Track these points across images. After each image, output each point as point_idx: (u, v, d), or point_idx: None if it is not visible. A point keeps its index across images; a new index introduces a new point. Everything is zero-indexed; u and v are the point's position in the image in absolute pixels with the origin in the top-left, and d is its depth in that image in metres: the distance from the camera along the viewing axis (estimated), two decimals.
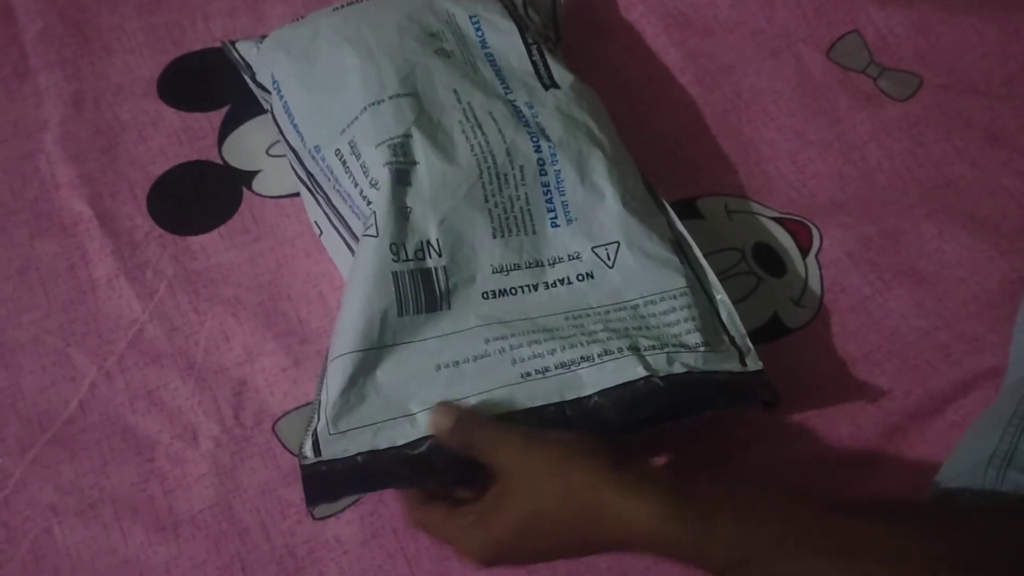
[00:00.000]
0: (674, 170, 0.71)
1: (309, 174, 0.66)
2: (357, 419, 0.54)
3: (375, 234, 0.58)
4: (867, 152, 0.71)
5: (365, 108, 0.63)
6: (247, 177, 0.71)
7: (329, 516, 0.58)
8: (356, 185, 0.61)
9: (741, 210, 0.69)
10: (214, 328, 0.64)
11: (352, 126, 0.62)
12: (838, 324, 0.64)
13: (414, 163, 0.60)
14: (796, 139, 0.72)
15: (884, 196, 0.69)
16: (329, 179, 0.63)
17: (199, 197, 0.70)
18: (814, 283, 0.66)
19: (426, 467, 0.52)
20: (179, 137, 0.73)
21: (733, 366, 0.57)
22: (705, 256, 0.63)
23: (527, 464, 0.49)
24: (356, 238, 0.62)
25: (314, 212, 0.67)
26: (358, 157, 0.61)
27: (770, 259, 0.67)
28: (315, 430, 0.54)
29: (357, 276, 0.57)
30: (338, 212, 0.64)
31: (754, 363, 0.58)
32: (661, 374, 0.55)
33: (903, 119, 0.73)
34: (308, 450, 0.54)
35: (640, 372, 0.54)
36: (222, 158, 0.72)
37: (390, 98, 0.63)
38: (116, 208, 0.69)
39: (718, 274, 0.62)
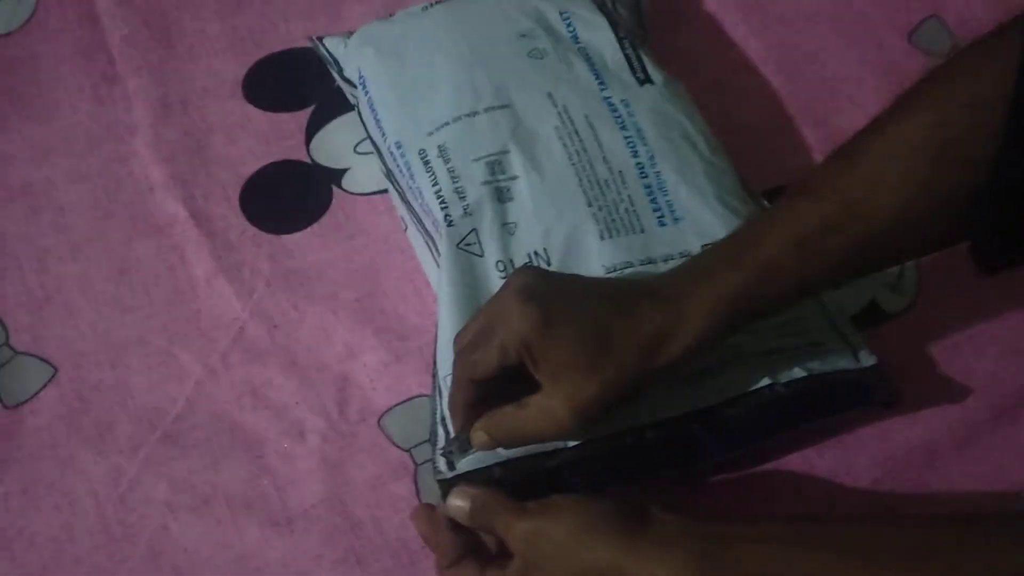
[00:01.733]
0: (762, 160, 0.70)
1: (388, 170, 0.67)
2: None
3: (480, 253, 0.59)
4: None
5: (459, 117, 0.63)
6: (336, 175, 0.71)
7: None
8: (435, 185, 0.61)
9: None
10: (314, 325, 0.65)
11: (441, 131, 0.63)
12: (938, 309, 0.64)
13: (514, 177, 0.61)
14: None
15: None
16: (404, 176, 0.64)
17: (290, 196, 0.71)
18: (911, 268, 0.66)
19: (560, 480, 0.52)
20: (266, 137, 0.73)
21: (848, 363, 0.57)
22: None
23: (539, 549, 0.47)
24: (430, 235, 0.63)
25: (400, 207, 0.68)
26: (446, 162, 0.62)
27: None
28: (448, 445, 0.54)
29: (459, 293, 0.58)
30: (412, 209, 0.64)
31: (867, 358, 0.57)
32: (783, 381, 0.55)
33: None
34: (442, 465, 0.54)
35: (764, 380, 0.55)
36: (310, 157, 0.72)
37: (485, 111, 0.63)
38: (209, 208, 0.70)
39: None
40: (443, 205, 0.61)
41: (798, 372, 0.55)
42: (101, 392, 0.63)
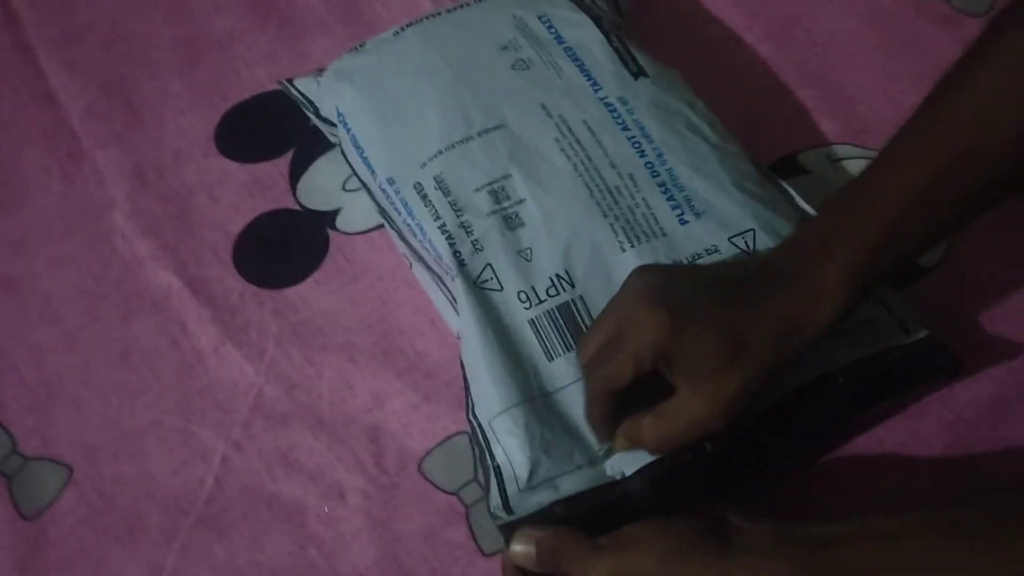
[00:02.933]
0: (767, 130, 0.68)
1: (381, 209, 0.64)
2: (544, 472, 0.52)
3: (498, 288, 0.56)
4: None
5: (452, 145, 0.60)
6: (329, 217, 0.68)
7: (501, 551, 0.55)
8: (437, 220, 0.58)
9: (845, 157, 0.66)
10: (334, 378, 0.62)
11: (435, 161, 0.60)
12: (976, 252, 0.61)
13: (520, 201, 0.58)
14: (884, 76, 0.69)
15: None
16: (400, 214, 0.61)
17: (285, 247, 0.68)
18: None
19: (626, 509, 0.49)
20: (249, 190, 0.70)
21: (899, 339, 0.54)
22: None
23: None
24: (436, 273, 0.60)
25: (400, 245, 0.64)
26: (446, 194, 0.59)
27: None
28: (502, 489, 0.52)
29: (487, 332, 0.55)
30: (411, 247, 0.61)
31: (918, 329, 0.54)
32: (839, 366, 0.52)
33: None
34: (499, 510, 0.51)
35: (820, 370, 0.52)
36: (298, 203, 0.69)
37: (479, 135, 0.60)
38: (203, 274, 0.66)
39: None
40: (451, 241, 0.57)
41: (853, 355, 0.53)
42: (123, 485, 0.59)
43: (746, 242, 0.56)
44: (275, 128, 0.72)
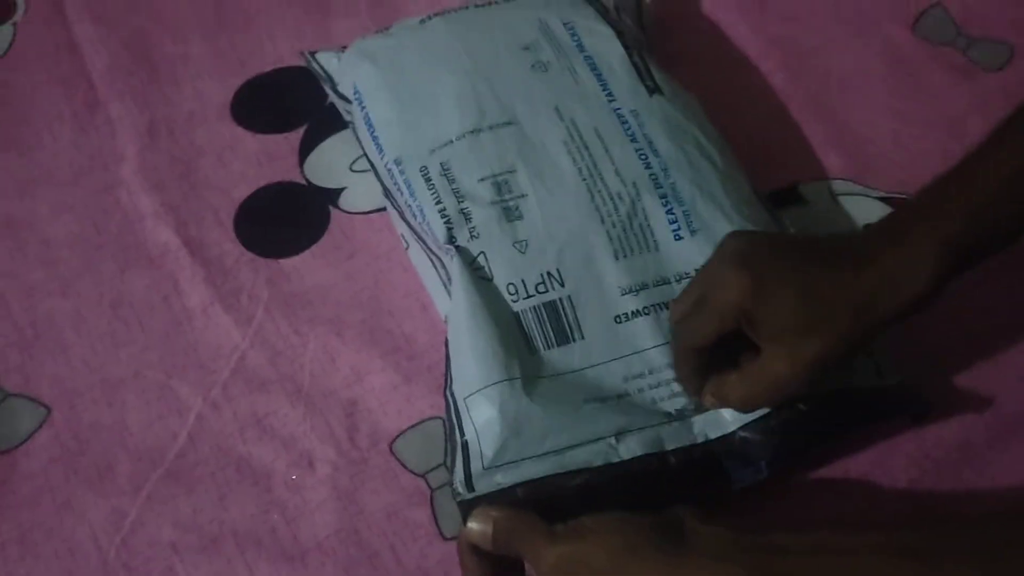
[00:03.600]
0: (771, 158, 0.68)
1: (385, 188, 0.64)
2: (511, 453, 0.52)
3: (489, 276, 0.56)
4: (969, 125, 0.69)
5: (463, 135, 0.61)
6: (333, 195, 0.69)
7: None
8: (439, 204, 0.59)
9: (846, 193, 0.67)
10: (318, 350, 0.62)
11: (445, 149, 0.61)
12: (961, 298, 0.61)
13: (522, 196, 0.59)
14: (894, 118, 0.70)
15: None
16: (403, 194, 0.62)
17: (286, 219, 0.68)
18: None
19: (586, 500, 0.50)
20: (258, 160, 0.71)
21: (872, 381, 0.55)
22: None
23: None
24: (434, 253, 0.60)
25: (399, 226, 0.65)
26: (450, 181, 0.60)
27: None
28: (467, 466, 0.52)
29: (473, 311, 0.55)
30: (411, 227, 0.62)
31: (891, 374, 0.55)
32: (802, 400, 0.53)
33: (1001, 89, 0.71)
34: (461, 486, 0.52)
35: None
36: (305, 178, 0.70)
37: (490, 128, 0.61)
38: (203, 235, 0.67)
39: None
40: (448, 225, 0.58)
41: (821, 388, 0.53)
42: (98, 431, 0.60)
43: None
44: (291, 103, 0.73)
